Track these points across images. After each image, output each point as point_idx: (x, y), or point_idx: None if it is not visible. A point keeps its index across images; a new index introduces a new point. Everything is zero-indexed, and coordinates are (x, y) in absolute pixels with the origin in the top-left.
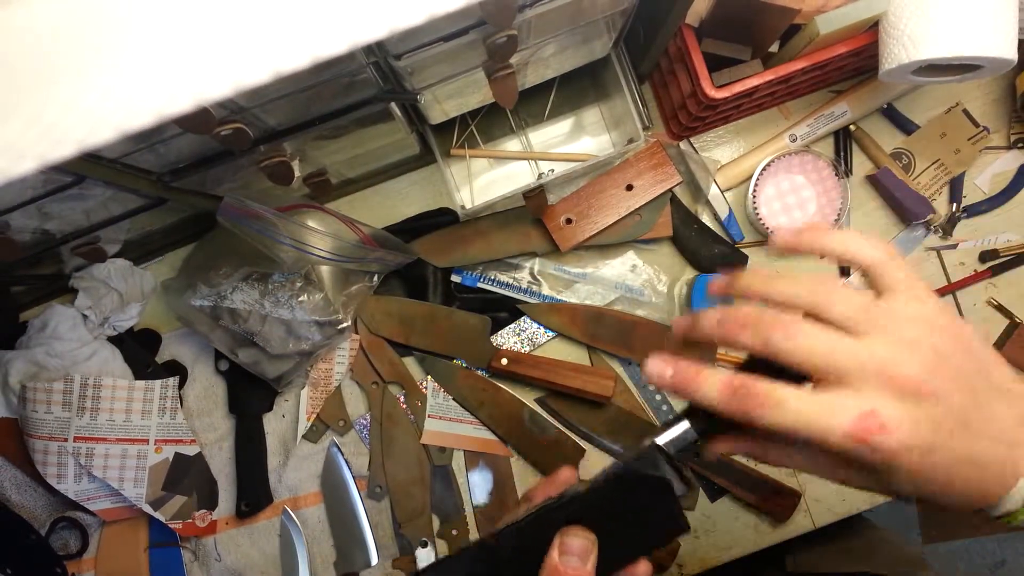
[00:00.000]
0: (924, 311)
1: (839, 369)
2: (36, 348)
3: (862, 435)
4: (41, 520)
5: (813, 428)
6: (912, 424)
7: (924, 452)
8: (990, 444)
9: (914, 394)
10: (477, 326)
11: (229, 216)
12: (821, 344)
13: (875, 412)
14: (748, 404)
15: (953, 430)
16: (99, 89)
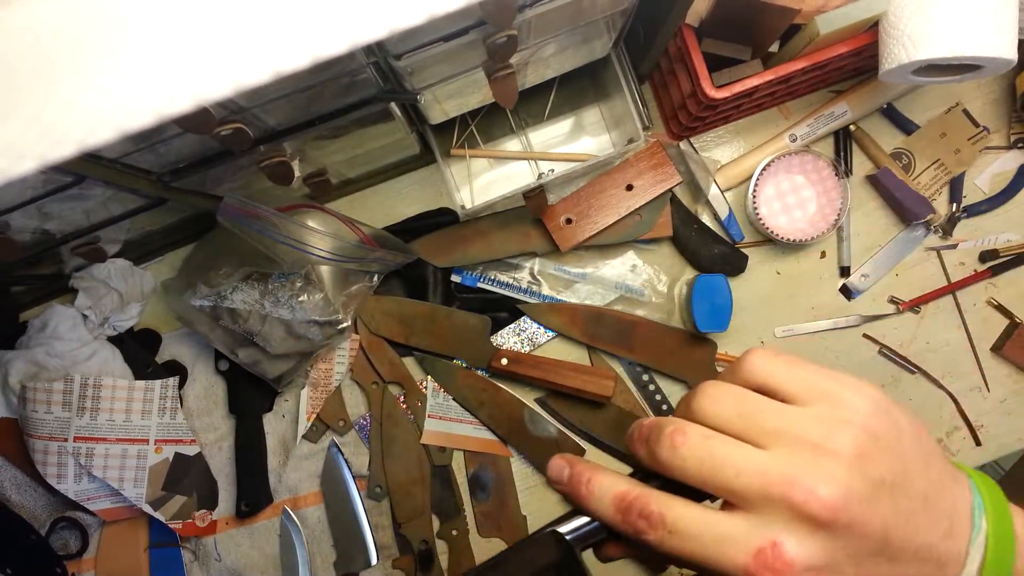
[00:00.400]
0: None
1: (739, 492)
2: (36, 348)
3: (760, 568)
4: (41, 520)
5: (709, 560)
6: (824, 559)
7: (856, 561)
8: (917, 566)
9: (829, 524)
10: (477, 326)
11: (229, 216)
12: (716, 460)
13: (777, 546)
14: (639, 526)
15: (876, 558)
16: (99, 89)
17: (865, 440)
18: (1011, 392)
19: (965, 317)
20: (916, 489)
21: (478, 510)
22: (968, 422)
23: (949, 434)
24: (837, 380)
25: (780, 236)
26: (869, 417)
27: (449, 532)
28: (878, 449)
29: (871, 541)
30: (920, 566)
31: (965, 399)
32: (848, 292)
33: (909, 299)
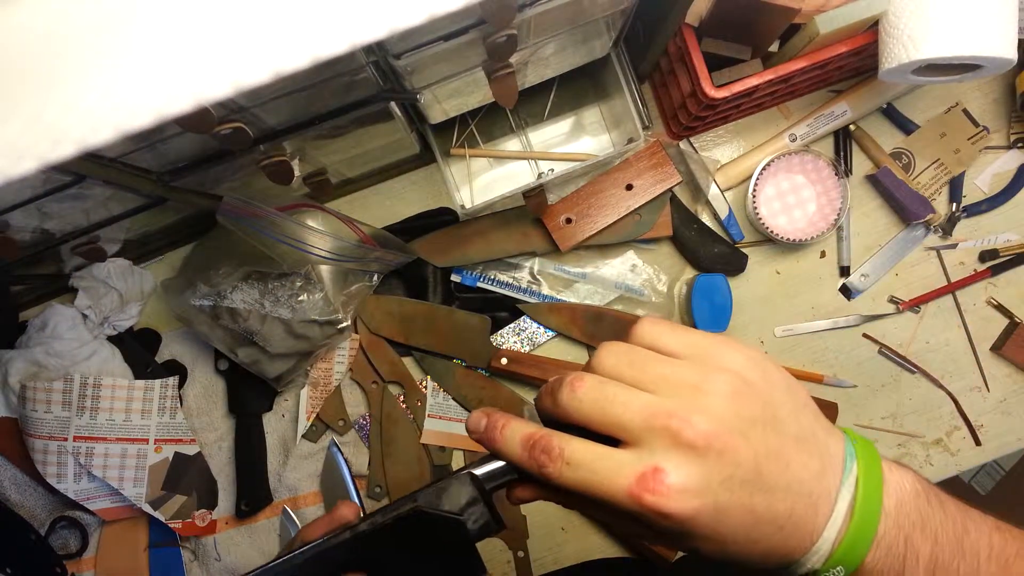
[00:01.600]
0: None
1: (626, 425)
2: (36, 348)
3: (643, 496)
4: (41, 520)
5: (599, 489)
6: (700, 482)
7: (716, 513)
8: (789, 499)
9: (704, 450)
10: (477, 326)
11: (229, 215)
12: (607, 400)
13: (658, 470)
14: (541, 460)
15: (749, 487)
16: (99, 89)
17: (739, 384)
18: (1011, 392)
19: (965, 317)
20: (787, 431)
21: None
22: (968, 422)
23: (949, 434)
24: (715, 339)
25: (780, 236)
26: (743, 367)
27: None
28: (751, 392)
29: (743, 469)
30: (793, 499)
31: (965, 399)
32: (848, 292)
33: (909, 299)
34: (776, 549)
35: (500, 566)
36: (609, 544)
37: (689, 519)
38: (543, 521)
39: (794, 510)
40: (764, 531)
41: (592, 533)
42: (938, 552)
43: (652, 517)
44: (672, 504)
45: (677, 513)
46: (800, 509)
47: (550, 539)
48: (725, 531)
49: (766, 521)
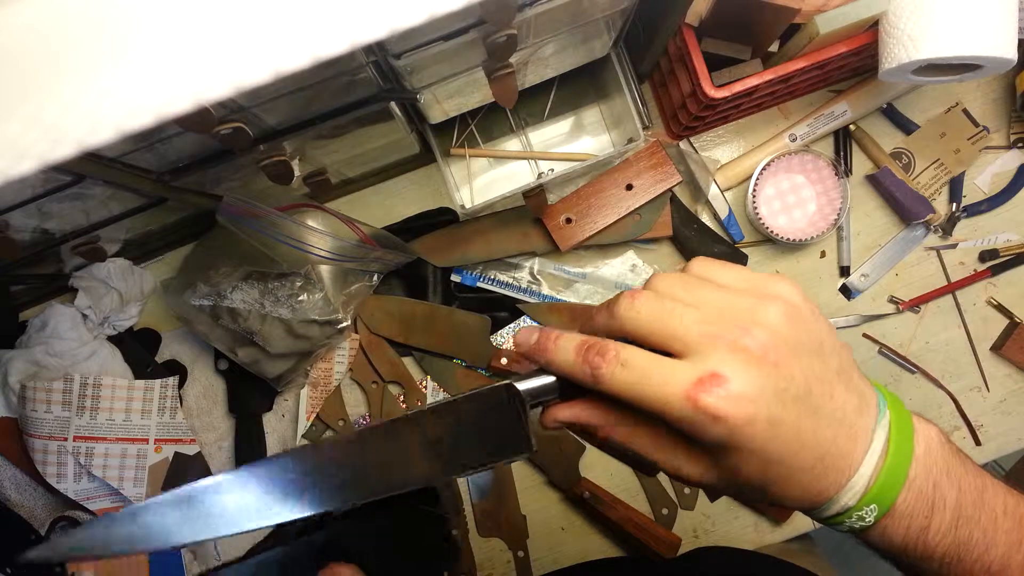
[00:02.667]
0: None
1: (683, 336)
2: (36, 347)
3: (700, 397)
4: (41, 520)
5: (652, 392)
6: (756, 389)
7: (768, 425)
8: (832, 427)
9: (760, 360)
10: (477, 326)
11: (229, 215)
12: (666, 311)
13: (716, 375)
14: (595, 362)
15: (799, 405)
16: (99, 89)
17: (790, 310)
18: (1011, 392)
19: (965, 317)
20: (831, 363)
21: (478, 510)
22: (968, 422)
23: (949, 434)
24: (766, 274)
25: (780, 236)
26: (794, 297)
27: (449, 532)
28: (801, 319)
29: (795, 386)
30: (836, 429)
31: (965, 399)
32: (848, 292)
33: (909, 299)
34: (814, 482)
35: (500, 566)
36: (609, 544)
37: (742, 426)
38: (543, 521)
39: (836, 440)
40: (808, 456)
41: (592, 533)
42: (962, 500)
43: (704, 422)
44: (729, 407)
45: (733, 416)
46: (841, 440)
47: (550, 539)
48: (771, 448)
49: (812, 444)
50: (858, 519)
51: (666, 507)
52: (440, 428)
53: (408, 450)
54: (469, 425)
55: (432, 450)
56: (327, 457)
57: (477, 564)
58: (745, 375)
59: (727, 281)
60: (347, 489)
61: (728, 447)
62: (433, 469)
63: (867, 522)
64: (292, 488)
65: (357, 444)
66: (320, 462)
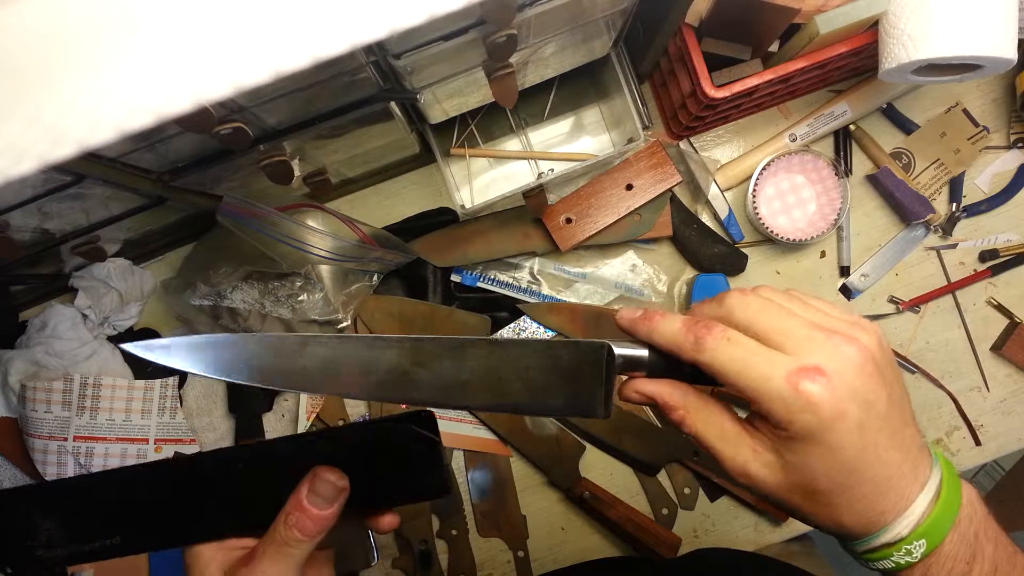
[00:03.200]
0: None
1: (789, 331)
2: (36, 347)
3: (802, 380)
4: None
5: (754, 368)
6: (852, 392)
7: (855, 427)
8: (903, 453)
9: (858, 368)
10: (477, 326)
11: (229, 215)
12: (774, 307)
13: (819, 367)
14: (701, 332)
15: (881, 421)
16: (99, 89)
17: (880, 343)
18: (1011, 392)
19: (965, 317)
20: (906, 403)
21: (478, 510)
22: (968, 422)
23: (949, 434)
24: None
25: (780, 236)
26: (881, 336)
27: (449, 532)
28: (887, 357)
29: (880, 403)
30: (904, 454)
31: (965, 399)
32: (848, 292)
33: (909, 299)
34: (878, 500)
35: (500, 566)
36: (609, 544)
37: (833, 419)
38: (543, 521)
39: (902, 466)
40: (878, 472)
41: (592, 533)
42: (998, 556)
43: (799, 406)
44: (826, 398)
45: (829, 407)
46: (906, 468)
47: (550, 539)
48: (851, 451)
49: (883, 462)
50: (906, 552)
51: (666, 507)
52: (535, 360)
53: (499, 371)
54: (560, 369)
55: (520, 381)
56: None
57: (477, 564)
58: (845, 376)
59: (825, 307)
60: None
61: (811, 439)
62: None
63: (914, 557)
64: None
65: (460, 349)
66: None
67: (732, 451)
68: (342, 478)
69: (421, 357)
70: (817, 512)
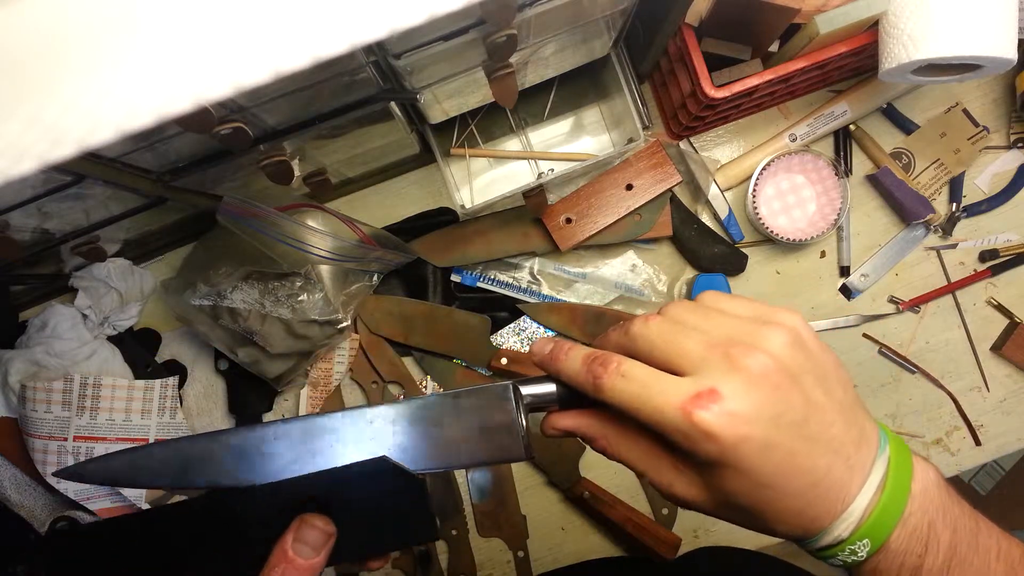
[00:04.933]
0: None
1: (687, 353)
2: (36, 347)
3: (695, 412)
4: (41, 520)
5: (649, 403)
6: (752, 410)
7: (761, 448)
8: (829, 456)
9: (759, 381)
10: (477, 326)
11: (229, 216)
12: (675, 331)
13: (713, 391)
14: (597, 371)
15: (795, 430)
16: (99, 89)
17: (795, 338)
18: (1011, 392)
19: (965, 317)
20: (834, 394)
21: (478, 510)
22: (968, 422)
23: (949, 434)
24: (775, 306)
25: (780, 236)
26: (800, 327)
27: (449, 532)
28: (805, 349)
29: (793, 412)
30: (832, 458)
31: (965, 399)
32: (848, 292)
33: (909, 299)
34: (807, 509)
35: (500, 566)
36: (609, 544)
37: (735, 445)
38: (543, 521)
39: (831, 470)
40: (801, 483)
41: (592, 533)
42: (956, 541)
43: (697, 438)
44: (723, 424)
45: (726, 435)
46: (837, 471)
47: (550, 539)
48: (763, 471)
49: (805, 471)
50: (850, 553)
51: (666, 507)
52: (441, 416)
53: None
54: (468, 419)
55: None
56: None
57: (477, 564)
58: (742, 394)
59: (735, 310)
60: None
61: (719, 465)
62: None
63: (859, 557)
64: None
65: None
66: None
67: (656, 473)
68: (329, 523)
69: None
70: (750, 524)
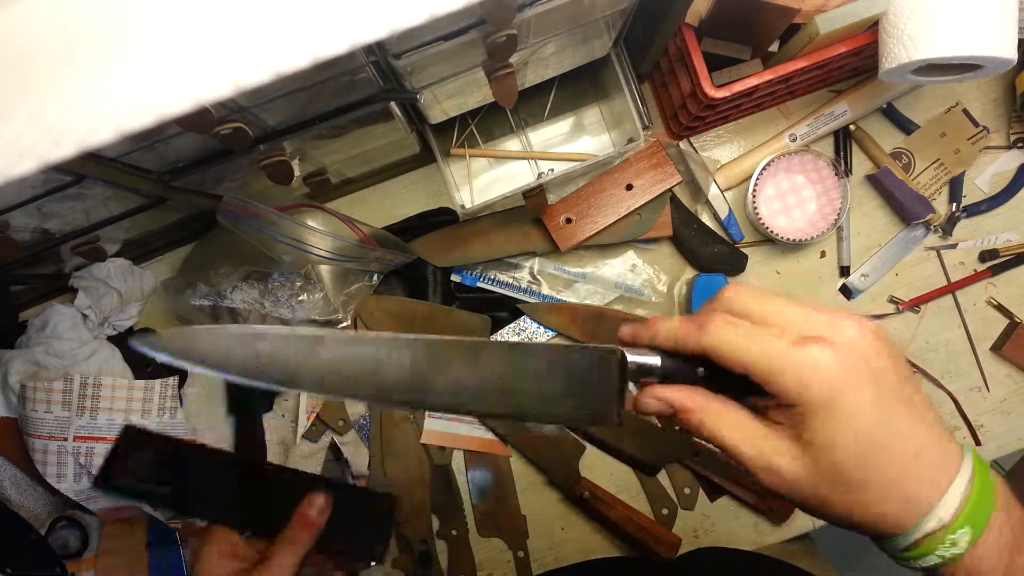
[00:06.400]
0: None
1: (787, 312)
2: (36, 347)
3: (808, 344)
4: (41, 520)
5: (757, 344)
6: (858, 358)
7: (870, 394)
8: (925, 429)
9: (858, 340)
10: (477, 326)
11: (228, 216)
12: (767, 295)
13: (822, 336)
14: (703, 320)
15: (894, 392)
16: (99, 89)
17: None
18: (1011, 392)
19: (965, 317)
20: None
21: (478, 510)
22: (968, 422)
23: None
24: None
25: (780, 236)
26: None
27: (449, 532)
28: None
29: (890, 376)
30: (928, 429)
31: (965, 399)
32: (848, 292)
33: (909, 299)
34: (912, 482)
35: (500, 566)
36: (609, 544)
37: (846, 384)
38: (543, 521)
39: (928, 443)
40: (906, 448)
41: (592, 533)
42: None
43: (809, 374)
44: (834, 361)
45: (840, 371)
46: (933, 446)
47: (550, 539)
48: (871, 420)
49: (907, 435)
50: (951, 544)
51: (666, 507)
52: (549, 366)
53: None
54: (574, 375)
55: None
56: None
57: (477, 564)
58: (851, 347)
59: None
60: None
61: (827, 409)
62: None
63: (960, 548)
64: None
65: (474, 352)
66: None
67: (754, 449)
68: (327, 499)
69: (434, 360)
70: (851, 504)
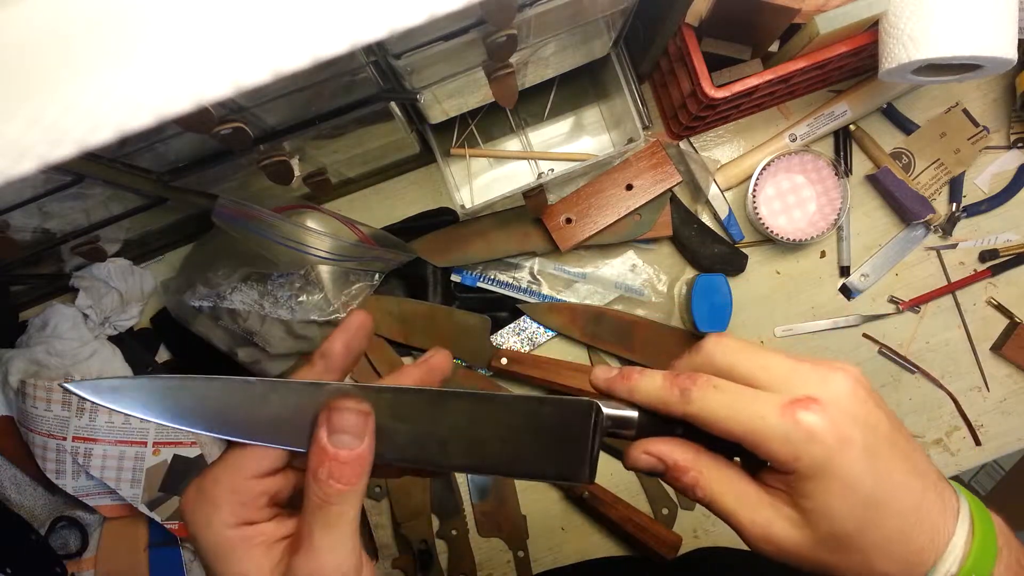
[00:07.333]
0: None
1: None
2: (36, 347)
3: (797, 411)
4: (41, 520)
5: (745, 410)
6: (851, 417)
7: (865, 453)
8: (923, 480)
9: (851, 394)
10: (477, 326)
11: (224, 218)
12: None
13: (812, 397)
14: (686, 383)
15: (889, 445)
16: (99, 89)
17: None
18: (1011, 392)
19: (965, 317)
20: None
21: (478, 510)
22: (968, 422)
23: (949, 434)
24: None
25: (780, 236)
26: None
27: (449, 532)
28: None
29: (883, 427)
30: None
31: (965, 399)
32: (848, 292)
33: (909, 299)
34: (912, 536)
35: (500, 566)
36: (609, 544)
37: (841, 445)
38: (543, 521)
39: (926, 494)
40: (904, 502)
41: (592, 533)
42: None
43: (800, 441)
44: (827, 425)
45: (832, 432)
46: (931, 497)
47: (550, 539)
48: (868, 480)
49: (907, 489)
50: None
51: (666, 507)
52: (518, 419)
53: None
54: (545, 429)
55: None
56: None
57: (477, 564)
58: (840, 402)
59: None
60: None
61: (822, 474)
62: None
63: None
64: None
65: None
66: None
67: (751, 513)
68: (361, 402)
69: (399, 410)
70: (854, 565)
